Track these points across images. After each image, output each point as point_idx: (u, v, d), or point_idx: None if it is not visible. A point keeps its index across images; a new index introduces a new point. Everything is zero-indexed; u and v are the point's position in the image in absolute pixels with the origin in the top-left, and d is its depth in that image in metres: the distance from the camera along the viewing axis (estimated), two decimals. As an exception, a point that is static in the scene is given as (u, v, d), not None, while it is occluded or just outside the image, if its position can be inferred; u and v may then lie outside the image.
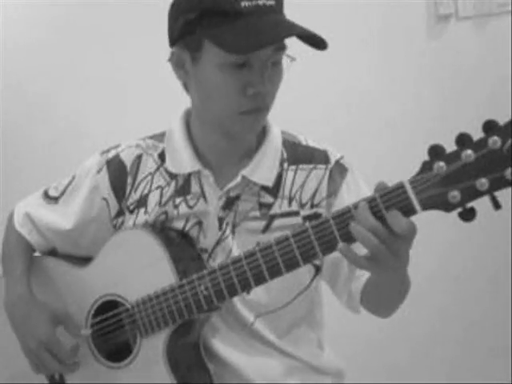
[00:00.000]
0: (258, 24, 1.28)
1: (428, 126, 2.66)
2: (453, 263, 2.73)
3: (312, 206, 1.42)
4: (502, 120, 1.15)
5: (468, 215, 1.08)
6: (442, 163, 1.08)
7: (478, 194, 1.06)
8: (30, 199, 1.60)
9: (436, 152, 1.09)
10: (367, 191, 1.41)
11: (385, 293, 1.34)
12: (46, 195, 1.57)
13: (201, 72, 1.34)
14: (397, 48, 2.65)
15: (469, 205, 1.08)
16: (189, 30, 1.32)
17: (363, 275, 1.37)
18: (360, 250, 1.15)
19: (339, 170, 1.44)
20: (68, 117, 2.48)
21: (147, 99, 2.45)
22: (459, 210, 1.09)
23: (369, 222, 1.11)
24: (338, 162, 1.44)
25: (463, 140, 1.06)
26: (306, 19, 1.35)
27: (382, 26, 2.63)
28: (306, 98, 2.54)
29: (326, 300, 1.56)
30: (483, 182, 1.05)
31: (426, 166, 1.10)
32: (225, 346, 1.45)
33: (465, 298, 2.73)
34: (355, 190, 1.43)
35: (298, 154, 1.45)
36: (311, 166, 1.44)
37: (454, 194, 1.07)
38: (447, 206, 1.09)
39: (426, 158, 1.12)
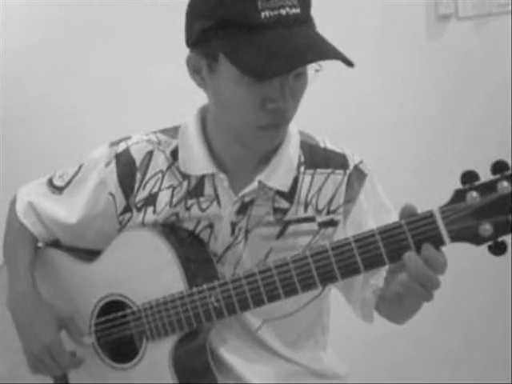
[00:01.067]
0: (280, 42, 1.16)
1: (428, 126, 2.65)
2: (453, 263, 2.73)
3: (328, 213, 1.37)
4: (502, 120, 1.14)
5: (499, 249, 1.05)
6: (475, 193, 1.02)
7: (511, 228, 1.02)
8: (33, 186, 1.55)
9: (469, 179, 1.03)
10: (385, 198, 1.40)
11: (404, 308, 1.28)
12: (51, 184, 1.52)
13: (217, 83, 1.26)
14: (397, 48, 2.64)
15: (500, 239, 1.04)
16: (204, 38, 1.22)
17: (378, 284, 1.33)
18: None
19: (357, 176, 1.38)
20: (68, 117, 2.47)
21: (147, 99, 2.45)
22: (489, 243, 1.05)
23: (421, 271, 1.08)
24: (356, 168, 1.39)
25: (499, 168, 1.01)
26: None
27: (382, 26, 2.63)
28: (305, 98, 2.53)
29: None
30: None
31: (458, 196, 1.05)
32: (229, 352, 1.43)
33: (465, 298, 2.73)
34: (373, 198, 1.39)
35: (316, 157, 1.39)
36: (329, 170, 1.38)
37: (486, 228, 1.03)
38: (477, 240, 1.05)
39: (426, 157, 1.11)
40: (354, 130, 2.59)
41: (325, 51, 1.19)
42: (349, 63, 1.19)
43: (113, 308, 1.45)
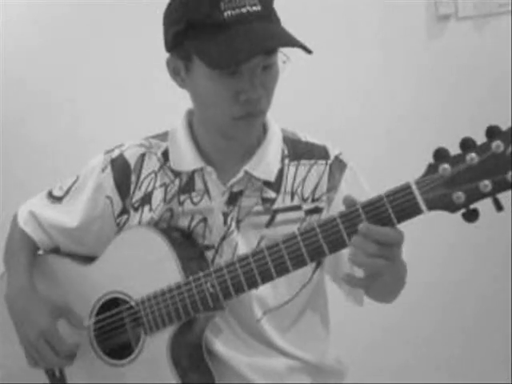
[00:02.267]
0: (241, 36, 1.27)
1: (428, 126, 2.66)
2: (453, 264, 2.73)
3: (313, 201, 1.45)
4: (502, 120, 1.17)
5: (471, 216, 1.12)
6: (446, 165, 1.12)
7: (481, 195, 1.10)
8: (33, 200, 1.62)
9: (441, 155, 1.13)
10: (366, 186, 1.47)
11: (388, 283, 1.35)
12: (50, 195, 1.58)
13: (194, 81, 1.36)
14: (397, 48, 2.65)
15: (472, 206, 1.11)
16: (178, 41, 1.34)
17: None
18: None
19: (338, 166, 1.46)
20: (68, 117, 2.48)
21: (147, 99, 2.45)
22: (463, 211, 1.12)
23: (365, 246, 1.17)
24: (337, 158, 1.47)
25: (467, 144, 1.11)
26: (306, 19, 1.36)
27: (382, 25, 2.63)
28: (305, 98, 2.54)
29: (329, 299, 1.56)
30: (486, 184, 1.09)
31: (432, 168, 1.14)
32: (226, 347, 1.45)
33: (465, 298, 2.73)
34: (354, 185, 1.45)
35: (299, 150, 1.47)
36: (312, 161, 1.46)
37: (459, 195, 1.11)
38: (452, 207, 1.12)
39: (426, 157, 1.15)
40: (354, 129, 2.59)
41: (282, 40, 1.30)
42: (307, 50, 1.28)
43: (112, 306, 1.48)
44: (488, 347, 2.75)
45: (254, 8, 1.29)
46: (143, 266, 1.43)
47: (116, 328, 1.48)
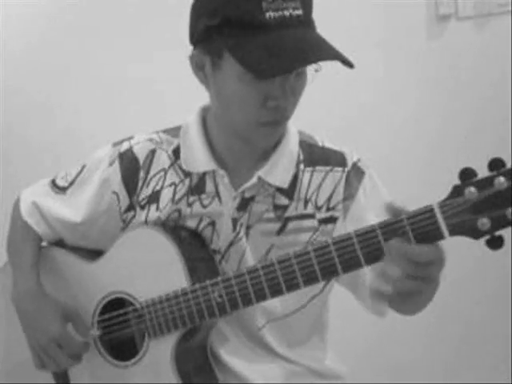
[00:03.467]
0: (283, 42, 1.21)
1: (428, 126, 2.66)
2: (453, 264, 2.72)
3: (328, 209, 1.40)
4: (502, 120, 1.16)
5: (496, 243, 1.07)
6: (473, 189, 1.05)
7: (507, 222, 1.05)
8: (36, 187, 1.57)
9: (467, 176, 1.06)
10: (386, 195, 1.41)
11: (418, 301, 1.30)
12: (54, 184, 1.54)
13: (221, 79, 1.29)
14: (397, 48, 2.65)
15: (497, 233, 1.07)
16: (209, 35, 1.26)
17: None
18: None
19: (356, 174, 1.41)
20: (68, 117, 2.47)
21: (147, 99, 2.45)
22: (487, 237, 1.08)
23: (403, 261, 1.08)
24: (355, 165, 1.41)
25: (496, 165, 1.04)
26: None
27: (382, 26, 2.63)
28: (305, 98, 2.53)
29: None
30: None
31: (457, 191, 1.07)
32: (229, 353, 1.44)
33: (465, 298, 2.73)
34: (373, 195, 1.40)
35: (315, 155, 1.42)
36: (328, 168, 1.40)
37: (484, 222, 1.06)
38: (475, 234, 1.08)
39: (426, 157, 1.12)
40: (354, 129, 2.59)
41: (326, 52, 1.24)
42: (349, 64, 1.24)
43: (115, 306, 1.46)
44: (488, 347, 2.75)
45: (297, 12, 1.22)
46: (149, 268, 1.40)
47: (121, 329, 1.46)
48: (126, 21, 2.45)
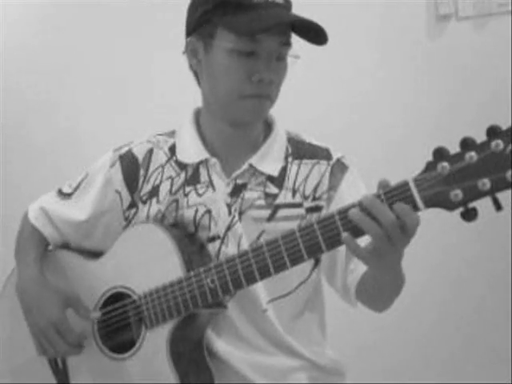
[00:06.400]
0: (268, 13, 1.38)
1: (428, 126, 2.66)
2: (453, 264, 2.73)
3: (314, 199, 1.48)
4: (502, 120, 1.17)
5: (470, 215, 1.12)
6: (445, 163, 1.12)
7: (479, 193, 1.10)
8: (43, 197, 1.65)
9: (440, 153, 1.13)
10: (365, 190, 1.45)
11: (380, 288, 1.38)
12: (60, 193, 1.62)
13: (212, 58, 1.43)
14: (397, 48, 2.65)
15: (471, 205, 1.11)
16: (205, 19, 1.42)
17: (358, 269, 1.40)
18: (361, 243, 1.19)
19: (340, 167, 1.50)
20: (68, 117, 2.49)
21: (147, 100, 2.46)
22: (461, 209, 1.12)
23: (382, 211, 1.15)
24: (339, 160, 1.51)
25: (467, 143, 1.11)
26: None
27: (382, 25, 2.64)
28: (305, 98, 2.54)
29: (326, 300, 1.56)
30: (485, 182, 1.09)
31: (430, 166, 1.14)
32: (227, 346, 1.46)
33: (464, 298, 2.73)
34: (354, 188, 1.48)
35: (302, 149, 1.52)
36: (314, 161, 1.50)
37: (456, 193, 1.11)
38: (449, 205, 1.13)
39: (426, 156, 1.15)
40: (353, 129, 2.60)
41: (300, 17, 1.39)
42: (323, 35, 1.37)
43: (116, 301, 1.50)
44: (488, 347, 2.75)
45: (278, 0, 1.41)
46: (147, 261, 1.46)
47: (118, 322, 1.50)
48: (126, 21, 2.46)
